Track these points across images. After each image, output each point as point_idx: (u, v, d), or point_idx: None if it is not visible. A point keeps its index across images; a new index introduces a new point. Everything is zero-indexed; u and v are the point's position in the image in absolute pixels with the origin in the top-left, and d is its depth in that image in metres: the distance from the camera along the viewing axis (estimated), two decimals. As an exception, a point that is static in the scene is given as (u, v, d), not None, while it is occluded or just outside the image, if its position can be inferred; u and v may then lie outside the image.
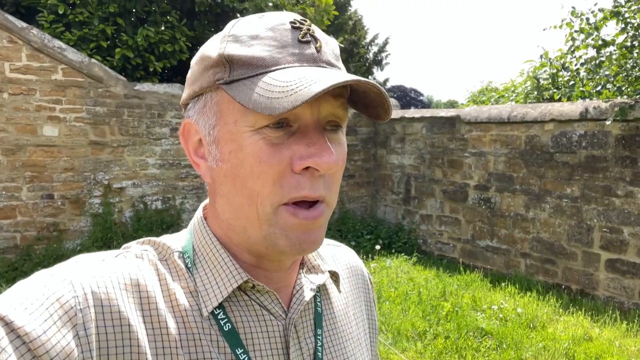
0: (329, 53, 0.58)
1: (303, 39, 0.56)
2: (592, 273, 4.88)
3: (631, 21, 4.46)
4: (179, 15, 6.97)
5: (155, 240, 0.63)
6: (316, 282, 0.68)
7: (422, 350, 3.74)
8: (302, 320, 0.65)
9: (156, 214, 6.08)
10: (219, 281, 0.60)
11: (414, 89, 24.75)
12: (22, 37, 5.23)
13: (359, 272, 0.82)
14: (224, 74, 0.56)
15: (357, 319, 0.76)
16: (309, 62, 0.55)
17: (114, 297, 0.53)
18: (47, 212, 5.49)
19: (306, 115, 0.55)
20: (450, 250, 6.42)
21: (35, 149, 5.39)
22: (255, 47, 0.55)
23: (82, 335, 0.49)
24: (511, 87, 8.81)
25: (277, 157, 0.54)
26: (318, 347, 0.65)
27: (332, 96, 0.56)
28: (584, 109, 4.85)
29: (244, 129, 0.55)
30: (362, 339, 0.75)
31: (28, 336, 0.45)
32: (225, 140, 0.58)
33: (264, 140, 0.55)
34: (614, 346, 3.81)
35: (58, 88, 5.47)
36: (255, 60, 0.55)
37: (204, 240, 0.63)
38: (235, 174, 0.57)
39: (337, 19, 9.58)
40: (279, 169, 0.55)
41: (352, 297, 0.77)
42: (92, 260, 0.57)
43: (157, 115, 6.03)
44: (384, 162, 7.40)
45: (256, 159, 0.55)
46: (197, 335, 0.56)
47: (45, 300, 0.49)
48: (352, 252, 0.85)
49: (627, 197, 4.56)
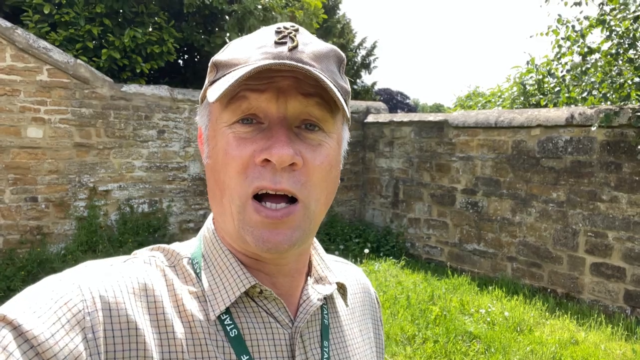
0: (307, 53, 0.58)
1: (280, 40, 0.58)
2: (577, 277, 4.95)
3: (616, 29, 4.54)
4: (167, 17, 6.90)
5: (165, 247, 0.64)
6: (323, 292, 0.68)
7: (411, 354, 3.75)
8: (308, 330, 0.65)
9: (143, 217, 6.01)
10: (226, 286, 0.60)
11: (400, 92, 24.84)
12: (7, 37, 5.13)
13: (367, 290, 0.82)
14: (212, 76, 0.61)
15: (364, 335, 0.75)
16: (275, 58, 0.56)
17: (121, 301, 0.53)
18: (30, 215, 5.38)
19: (272, 111, 0.57)
20: (437, 254, 6.45)
21: (19, 151, 5.28)
22: (238, 51, 0.59)
23: (90, 338, 0.49)
24: (498, 92, 8.91)
25: (241, 149, 0.57)
26: (324, 359, 0.65)
27: (302, 94, 0.57)
28: (570, 115, 4.92)
29: (221, 126, 0.59)
30: (368, 356, 0.74)
31: (36, 339, 0.46)
32: (210, 138, 0.62)
33: (232, 135, 0.58)
34: (599, 350, 3.86)
35: (43, 89, 5.37)
36: (231, 61, 0.59)
37: (212, 247, 0.64)
38: (214, 169, 0.60)
39: (325, 22, 9.60)
40: (241, 162, 0.57)
41: (359, 313, 0.77)
42: (101, 265, 0.58)
43: (144, 117, 5.96)
44: (373, 166, 7.42)
45: (224, 152, 0.58)
46: (203, 340, 0.57)
47: (53, 304, 0.49)
48: (360, 270, 0.85)
49: (612, 202, 4.64)
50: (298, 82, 0.57)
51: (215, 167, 0.60)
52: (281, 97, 0.57)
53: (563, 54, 5.13)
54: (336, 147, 0.62)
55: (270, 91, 0.57)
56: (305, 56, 0.58)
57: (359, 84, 12.57)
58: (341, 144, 0.65)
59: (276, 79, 0.56)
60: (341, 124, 0.65)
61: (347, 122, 0.65)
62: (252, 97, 0.57)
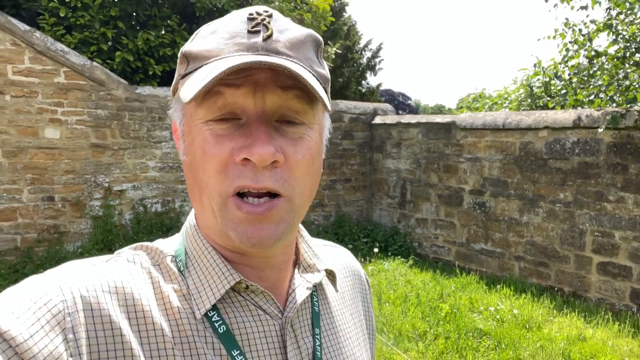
0: (282, 42, 0.56)
1: (253, 29, 0.55)
2: (584, 276, 5.04)
3: (622, 33, 4.64)
4: (179, 20, 7.03)
5: (148, 245, 0.63)
6: (312, 280, 0.67)
7: (423, 350, 3.85)
8: (299, 319, 0.64)
9: (156, 216, 6.12)
10: (211, 283, 0.59)
11: (402, 93, 24.86)
12: (25, 39, 5.25)
13: (356, 273, 0.81)
14: (182, 69, 0.59)
15: (355, 318, 0.75)
16: (250, 50, 0.54)
17: (103, 301, 0.52)
18: (47, 214, 5.50)
19: (249, 106, 0.55)
20: (445, 254, 6.55)
21: (36, 152, 5.40)
22: (208, 41, 0.56)
23: (70, 339, 0.48)
24: (504, 94, 9.00)
25: (219, 148, 0.55)
26: (317, 346, 0.64)
27: (280, 87, 0.55)
28: (577, 117, 5.02)
29: (196, 122, 0.57)
30: (360, 339, 0.74)
31: (14, 340, 0.45)
32: (186, 134, 0.59)
33: (209, 132, 0.55)
34: (607, 346, 3.96)
35: (60, 91, 5.49)
36: (203, 53, 0.56)
37: (195, 243, 0.63)
38: (192, 167, 0.58)
39: (332, 24, 9.70)
40: (220, 160, 0.55)
41: (349, 296, 0.76)
42: (83, 265, 0.57)
43: (157, 118, 6.08)
44: (380, 167, 7.52)
45: (202, 150, 0.56)
46: (191, 338, 0.56)
47: (33, 305, 0.48)
48: (348, 253, 0.84)
49: (619, 203, 4.73)
50: (275, 75, 0.54)
51: (193, 165, 0.58)
52: (258, 92, 0.54)
53: (570, 57, 5.23)
54: (318, 138, 0.61)
55: (247, 85, 0.54)
56: (281, 45, 0.55)
57: (365, 86, 12.69)
58: (322, 134, 0.63)
59: (252, 72, 0.53)
60: (322, 112, 0.62)
61: (327, 111, 0.62)
62: (227, 92, 0.54)
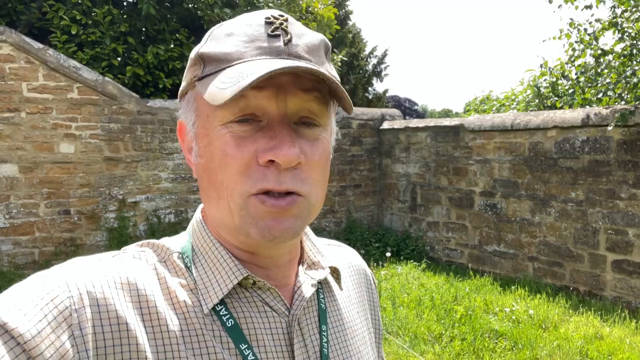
0: (301, 46, 0.57)
1: (273, 32, 0.56)
2: (599, 274, 5.02)
3: (628, 31, 4.65)
4: (187, 33, 7.15)
5: (154, 242, 0.63)
6: (317, 277, 0.67)
7: (440, 352, 3.85)
8: (305, 316, 0.65)
9: (169, 226, 6.19)
10: (218, 278, 0.59)
11: (408, 99, 24.91)
12: (39, 57, 5.39)
13: (362, 271, 0.81)
14: (198, 71, 0.59)
15: (361, 316, 0.76)
16: (272, 54, 0.55)
17: (109, 297, 0.53)
18: (64, 228, 5.60)
19: (272, 109, 0.55)
20: (458, 256, 6.54)
21: (52, 166, 5.52)
22: (227, 44, 0.57)
23: (77, 335, 0.49)
24: (512, 95, 9.02)
25: (242, 150, 0.55)
26: (324, 343, 0.64)
27: (302, 90, 0.56)
28: (586, 116, 5.03)
29: (214, 124, 0.57)
30: (367, 336, 0.75)
31: (22, 337, 0.45)
32: (201, 135, 0.59)
33: (230, 134, 0.56)
34: (625, 344, 3.94)
35: (74, 106, 5.62)
36: (222, 56, 0.56)
37: (202, 240, 0.63)
38: (208, 169, 0.58)
39: (337, 32, 9.80)
40: (243, 162, 0.55)
41: (355, 295, 0.77)
42: (89, 261, 0.57)
43: (169, 130, 6.18)
44: (389, 172, 7.55)
45: (222, 152, 0.56)
46: (199, 331, 0.56)
47: (39, 301, 0.49)
48: (353, 251, 0.84)
49: (631, 200, 4.72)
50: (297, 77, 0.55)
51: (209, 167, 0.58)
52: (281, 94, 0.55)
53: (577, 56, 5.25)
54: (329, 140, 0.62)
55: (270, 88, 0.55)
56: (301, 49, 0.57)
57: (371, 92, 12.76)
58: (332, 136, 0.65)
59: (274, 75, 0.53)
60: (333, 115, 0.63)
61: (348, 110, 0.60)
62: (250, 94, 0.54)
